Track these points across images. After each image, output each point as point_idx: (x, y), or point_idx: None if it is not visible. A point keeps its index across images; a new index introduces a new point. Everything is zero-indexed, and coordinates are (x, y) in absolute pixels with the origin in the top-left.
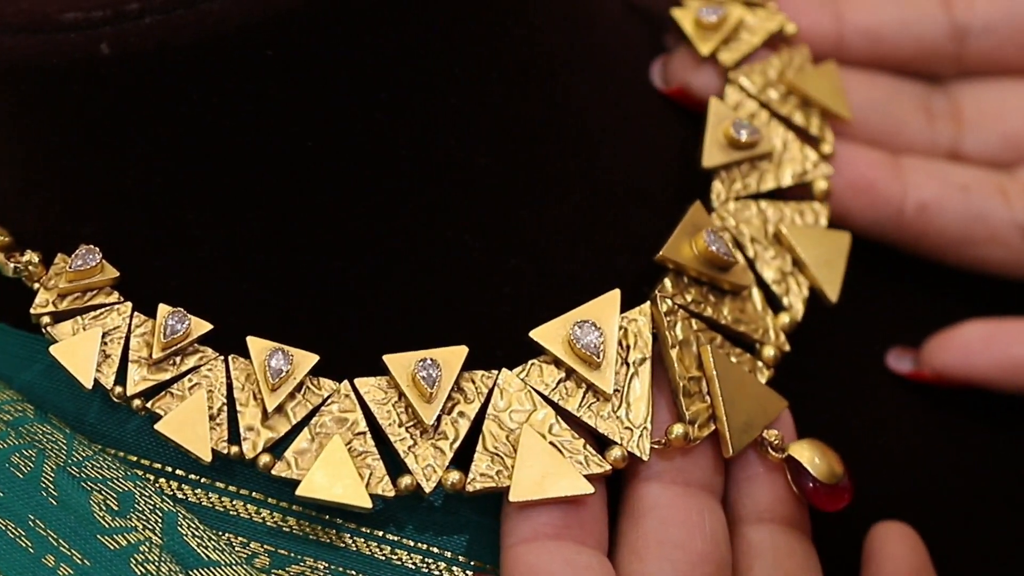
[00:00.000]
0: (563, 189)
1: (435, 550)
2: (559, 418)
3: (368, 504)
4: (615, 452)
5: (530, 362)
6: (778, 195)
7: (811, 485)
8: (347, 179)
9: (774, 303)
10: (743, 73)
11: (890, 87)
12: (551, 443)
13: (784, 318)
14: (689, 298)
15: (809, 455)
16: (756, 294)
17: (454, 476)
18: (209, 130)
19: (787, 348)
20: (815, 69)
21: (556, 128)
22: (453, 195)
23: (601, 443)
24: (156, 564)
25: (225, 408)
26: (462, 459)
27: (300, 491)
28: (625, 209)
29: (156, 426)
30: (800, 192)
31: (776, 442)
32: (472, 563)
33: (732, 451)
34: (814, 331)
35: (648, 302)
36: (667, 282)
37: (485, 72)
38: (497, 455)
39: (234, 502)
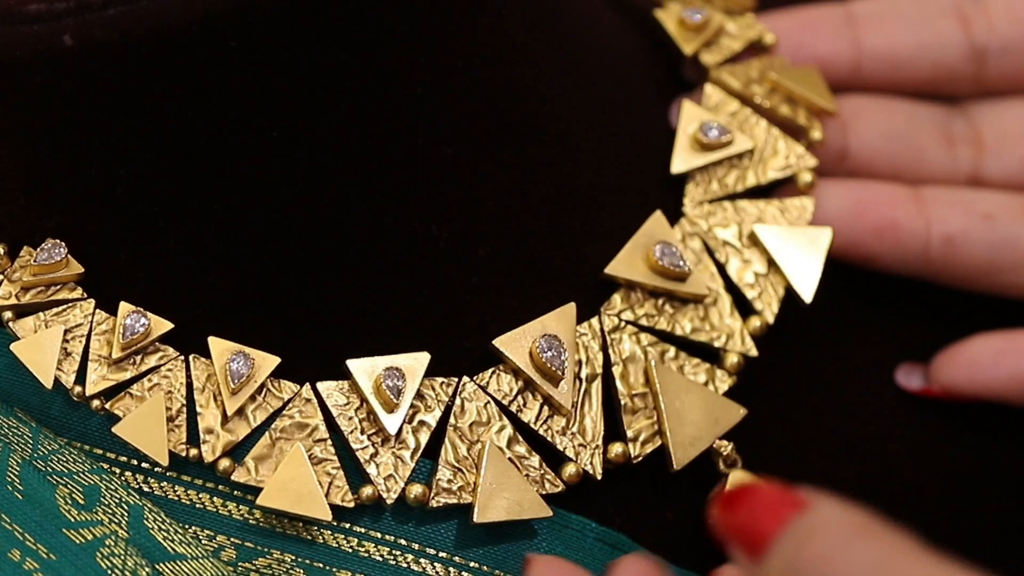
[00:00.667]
0: (531, 178)
1: (403, 542)
2: (517, 432)
3: (328, 516)
4: (570, 469)
5: (490, 370)
6: (761, 193)
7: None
8: (312, 171)
9: (747, 307)
10: (725, 72)
11: (909, 114)
12: (510, 459)
13: (755, 322)
14: (641, 312)
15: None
16: (725, 299)
17: (417, 490)
18: (173, 122)
19: (754, 353)
20: (797, 69)
21: (524, 117)
22: (420, 185)
23: (554, 458)
24: (122, 558)
25: (185, 409)
26: (422, 465)
27: (260, 501)
28: (595, 199)
29: (114, 429)
30: (788, 191)
31: (727, 453)
32: (440, 555)
33: (677, 466)
34: (792, 335)
35: (595, 317)
36: (616, 298)
37: (451, 61)
38: (459, 469)
39: (200, 495)
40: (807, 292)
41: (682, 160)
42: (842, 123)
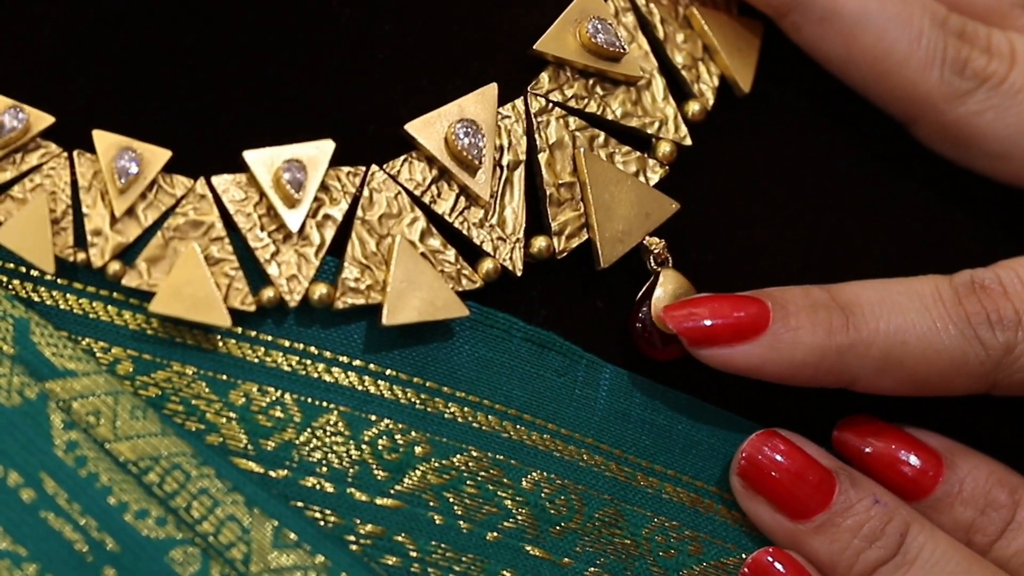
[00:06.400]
0: None
1: (313, 350)
2: (431, 225)
3: (227, 322)
4: (487, 265)
5: (402, 158)
6: None
7: (641, 317)
8: None
9: (681, 91)
10: None
11: None
12: (423, 254)
13: (694, 106)
14: (570, 93)
15: (671, 288)
16: (658, 82)
17: (322, 289)
18: None
19: (688, 142)
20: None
21: None
22: None
23: (471, 253)
24: (8, 377)
25: (71, 211)
26: (327, 264)
27: (152, 307)
28: None
29: None
30: None
31: (658, 251)
32: (354, 362)
33: (604, 263)
34: (727, 125)
35: (520, 99)
36: (544, 76)
37: None
38: (368, 266)
39: (93, 303)
40: (745, 82)
41: None
42: None
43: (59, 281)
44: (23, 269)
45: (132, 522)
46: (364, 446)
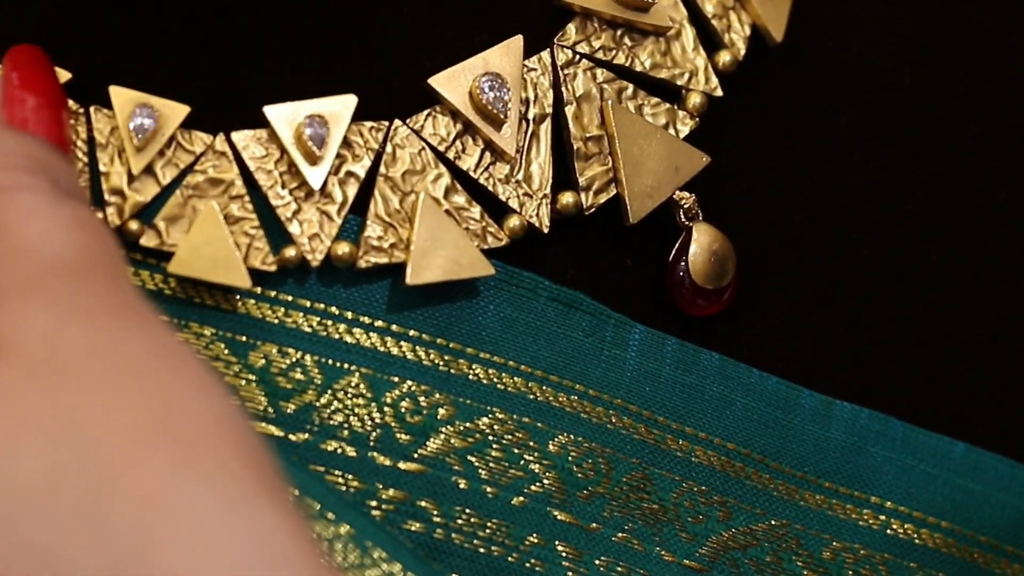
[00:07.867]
0: None
1: (334, 310)
2: (456, 181)
3: (247, 283)
4: (513, 222)
5: (425, 112)
6: None
7: (680, 274)
8: None
9: (711, 41)
10: None
11: None
12: (447, 211)
13: (725, 56)
14: (597, 44)
15: (707, 242)
16: (688, 32)
17: (344, 248)
18: None
19: (719, 93)
20: None
21: None
22: None
23: (497, 210)
24: None
25: (87, 169)
26: (350, 222)
27: (171, 268)
28: None
29: None
30: None
31: (688, 206)
32: (375, 323)
33: (633, 219)
34: (759, 75)
35: (547, 51)
36: (570, 28)
37: None
38: (391, 224)
39: None
40: (778, 31)
41: None
42: None
43: None
44: None
45: None
46: (387, 408)
